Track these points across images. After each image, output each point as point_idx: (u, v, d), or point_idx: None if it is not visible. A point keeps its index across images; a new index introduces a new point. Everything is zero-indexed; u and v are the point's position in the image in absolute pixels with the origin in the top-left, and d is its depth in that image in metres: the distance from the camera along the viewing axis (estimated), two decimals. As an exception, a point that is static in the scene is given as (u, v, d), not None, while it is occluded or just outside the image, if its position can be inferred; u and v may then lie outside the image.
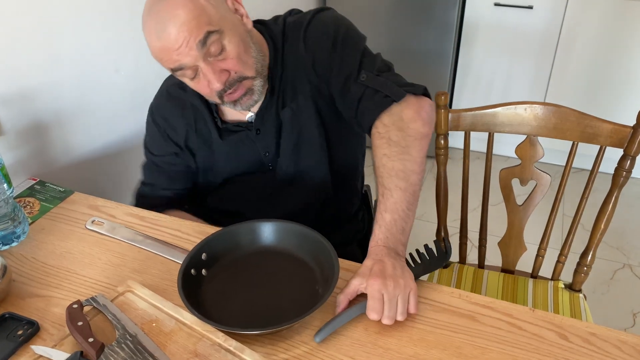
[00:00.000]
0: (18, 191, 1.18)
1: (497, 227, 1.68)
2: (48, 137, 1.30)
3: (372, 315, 0.82)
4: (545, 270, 1.39)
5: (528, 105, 1.24)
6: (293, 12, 1.12)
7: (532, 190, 1.29)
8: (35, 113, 1.25)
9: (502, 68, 2.60)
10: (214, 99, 1.01)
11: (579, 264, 1.29)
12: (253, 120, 1.11)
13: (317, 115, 1.10)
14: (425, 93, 1.03)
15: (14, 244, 1.03)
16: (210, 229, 1.05)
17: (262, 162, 1.15)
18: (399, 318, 0.83)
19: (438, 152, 1.31)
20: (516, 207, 1.32)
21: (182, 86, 1.08)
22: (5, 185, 0.99)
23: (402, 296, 0.82)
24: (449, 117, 1.27)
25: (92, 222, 1.02)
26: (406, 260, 0.90)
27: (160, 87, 1.19)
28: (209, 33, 0.91)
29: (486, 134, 1.29)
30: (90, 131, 1.41)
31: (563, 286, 1.33)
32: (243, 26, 0.99)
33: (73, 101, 1.34)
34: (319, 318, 0.85)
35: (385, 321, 0.82)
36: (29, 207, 1.14)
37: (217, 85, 0.95)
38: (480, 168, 1.45)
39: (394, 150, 0.93)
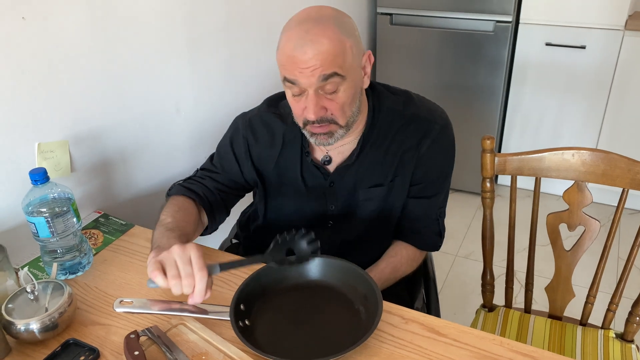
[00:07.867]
0: (84, 223, 1.28)
1: (547, 268, 1.64)
2: (112, 173, 1.40)
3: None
4: (596, 317, 1.36)
5: (575, 151, 1.23)
6: (404, 94, 1.19)
7: (581, 236, 1.27)
8: (102, 151, 1.35)
9: (553, 108, 2.57)
10: (298, 120, 1.08)
11: (631, 313, 1.25)
12: (327, 160, 1.17)
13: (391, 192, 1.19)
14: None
15: (79, 273, 1.11)
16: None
17: (325, 216, 1.21)
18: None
19: (484, 195, 1.32)
20: (564, 252, 1.30)
21: (282, 117, 1.18)
22: (75, 219, 1.08)
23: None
24: (495, 161, 1.28)
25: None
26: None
27: (259, 108, 1.23)
28: (335, 74, 0.98)
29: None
30: (150, 168, 1.51)
31: (614, 336, 1.29)
32: (361, 83, 1.07)
33: (136, 140, 1.44)
34: None
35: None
36: (93, 238, 1.23)
37: (312, 116, 1.01)
38: (529, 207, 1.43)
39: (392, 275, 1.20)
